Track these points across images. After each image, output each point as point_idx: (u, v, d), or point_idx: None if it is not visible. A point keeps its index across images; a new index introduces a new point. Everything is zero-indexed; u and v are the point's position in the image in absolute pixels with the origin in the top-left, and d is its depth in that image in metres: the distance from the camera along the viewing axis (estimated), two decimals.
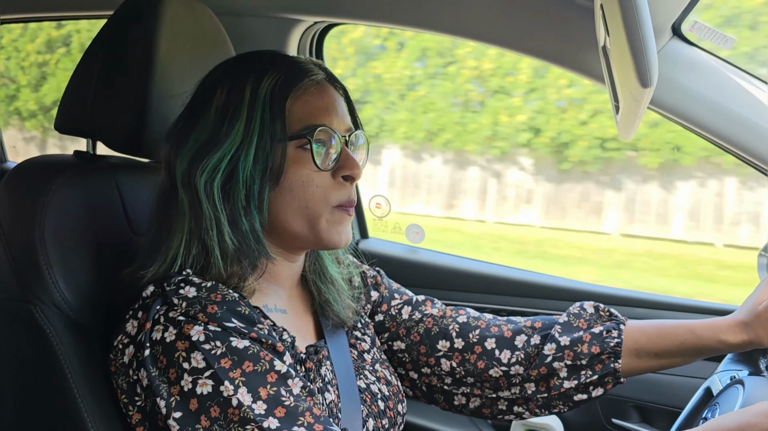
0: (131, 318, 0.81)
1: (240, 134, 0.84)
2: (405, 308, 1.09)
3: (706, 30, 1.08)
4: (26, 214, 0.88)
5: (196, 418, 0.74)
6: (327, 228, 0.87)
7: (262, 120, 0.84)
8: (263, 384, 0.75)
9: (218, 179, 0.83)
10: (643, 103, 0.74)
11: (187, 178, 0.84)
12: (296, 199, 0.85)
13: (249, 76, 0.86)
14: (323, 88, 0.89)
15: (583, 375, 0.99)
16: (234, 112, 0.84)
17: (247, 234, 0.84)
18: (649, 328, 1.00)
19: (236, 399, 0.73)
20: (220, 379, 0.74)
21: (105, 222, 0.96)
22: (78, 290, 0.88)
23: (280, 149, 0.84)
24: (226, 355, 0.75)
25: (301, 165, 0.85)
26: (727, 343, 0.95)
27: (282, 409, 0.74)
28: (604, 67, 1.01)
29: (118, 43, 1.00)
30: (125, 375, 0.80)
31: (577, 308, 1.05)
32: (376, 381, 0.98)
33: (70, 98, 1.02)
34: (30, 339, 0.86)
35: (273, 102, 0.84)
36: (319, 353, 0.92)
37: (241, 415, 0.73)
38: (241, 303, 0.81)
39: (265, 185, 0.84)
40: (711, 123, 1.08)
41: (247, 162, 0.83)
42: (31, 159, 0.98)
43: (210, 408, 0.74)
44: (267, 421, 0.73)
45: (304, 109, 0.86)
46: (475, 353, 1.03)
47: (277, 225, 0.87)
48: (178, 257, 0.83)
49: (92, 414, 0.83)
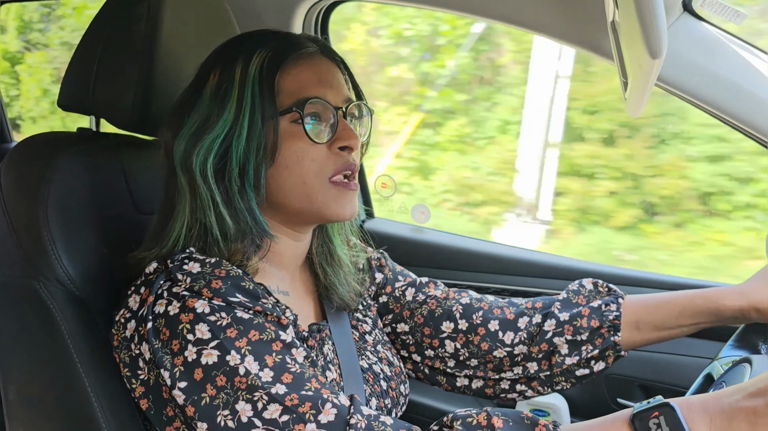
0: (134, 293, 0.81)
1: (232, 114, 0.83)
2: (409, 290, 1.09)
3: (718, 5, 1.06)
4: (29, 191, 0.88)
5: (201, 387, 0.74)
6: (326, 203, 0.87)
7: (252, 98, 0.83)
8: (269, 352, 0.75)
9: (211, 159, 0.83)
10: (652, 76, 0.73)
11: (184, 161, 0.84)
12: (293, 175, 0.85)
13: (239, 55, 0.85)
14: (315, 60, 0.88)
15: (584, 350, 0.99)
16: (225, 93, 0.84)
17: (243, 213, 0.84)
18: (648, 300, 1.01)
19: (243, 368, 0.73)
20: (226, 349, 0.74)
21: (108, 199, 0.96)
22: (81, 266, 0.88)
23: (272, 125, 0.84)
24: (231, 325, 0.75)
25: (296, 139, 0.84)
26: (725, 308, 0.95)
27: (289, 376, 0.74)
28: (612, 43, 1.00)
29: (121, 19, 0.99)
30: (127, 349, 0.80)
31: (576, 285, 1.05)
32: (378, 362, 0.98)
33: (72, 75, 1.01)
34: (34, 315, 0.86)
35: (262, 78, 0.84)
36: (321, 332, 0.92)
37: (249, 383, 0.73)
38: (245, 278, 0.81)
39: (261, 163, 0.84)
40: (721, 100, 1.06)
41: (240, 141, 0.83)
42: (35, 135, 0.97)
43: (216, 377, 0.73)
44: (275, 388, 0.73)
45: (294, 82, 0.85)
46: (479, 334, 1.03)
47: (278, 203, 0.87)
48: (181, 238, 0.84)
49: (95, 388, 0.83)
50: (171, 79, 0.98)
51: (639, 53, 0.70)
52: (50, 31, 4.13)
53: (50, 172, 0.89)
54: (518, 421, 0.71)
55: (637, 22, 0.66)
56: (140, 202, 0.99)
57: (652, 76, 0.73)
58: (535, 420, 0.71)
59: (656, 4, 0.63)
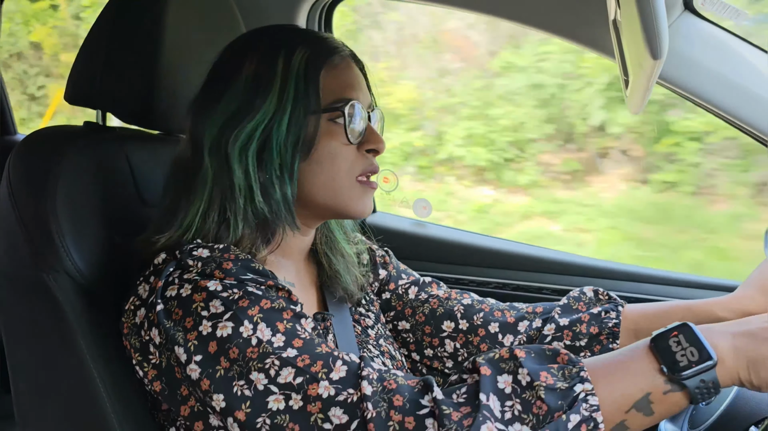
0: (143, 283, 0.82)
1: (273, 104, 0.84)
2: (412, 288, 1.10)
3: (719, 4, 1.07)
4: (38, 184, 0.89)
5: (216, 360, 0.75)
6: (351, 199, 0.89)
7: (296, 91, 0.85)
8: (280, 319, 0.77)
9: (253, 148, 0.84)
10: (653, 75, 0.74)
11: (216, 146, 0.85)
12: (324, 171, 0.87)
13: (280, 48, 0.87)
14: (350, 63, 0.91)
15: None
16: (267, 83, 0.85)
17: (278, 203, 0.85)
18: (647, 309, 1.01)
19: (255, 338, 0.74)
20: (239, 319, 0.75)
21: (115, 192, 0.97)
22: (89, 258, 0.89)
23: (313, 121, 0.85)
24: (243, 297, 0.77)
25: (332, 137, 0.87)
26: (722, 317, 0.96)
27: (299, 341, 0.76)
28: (614, 41, 1.01)
29: (127, 13, 1.00)
30: (137, 335, 0.81)
31: (577, 292, 1.07)
32: (380, 355, 0.99)
33: (79, 69, 1.02)
34: (42, 306, 0.87)
35: (308, 73, 0.85)
36: (326, 320, 0.94)
37: (261, 351, 0.74)
38: (255, 260, 0.82)
39: (296, 156, 0.85)
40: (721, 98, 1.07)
41: (280, 131, 0.84)
42: (42, 129, 0.98)
43: (229, 349, 0.74)
44: (286, 352, 0.74)
45: (336, 83, 0.88)
46: (479, 335, 1.05)
47: (303, 196, 0.88)
48: (194, 224, 0.84)
49: (104, 378, 0.84)
50: (176, 72, 0.99)
51: (640, 53, 0.71)
52: None
53: (58, 166, 0.90)
54: (540, 352, 0.73)
55: (638, 23, 0.67)
56: (146, 195, 1.00)
57: (653, 75, 0.74)
58: (557, 351, 0.73)
59: (658, 6, 0.64)
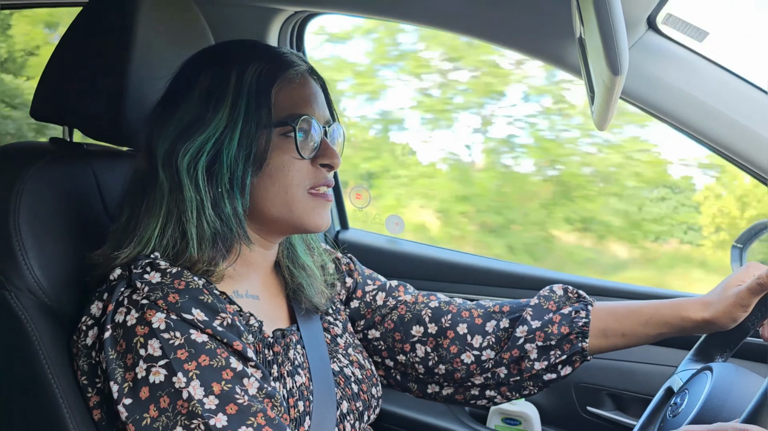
0: (96, 300, 0.81)
1: (225, 118, 0.85)
2: (379, 294, 1.10)
3: (681, 23, 1.10)
4: (1, 200, 0.87)
5: (145, 407, 0.74)
6: (306, 212, 0.89)
7: (247, 106, 0.85)
8: (217, 380, 0.76)
9: (202, 161, 0.84)
10: (616, 91, 0.75)
11: (168, 159, 0.84)
12: (276, 184, 0.87)
13: (234, 63, 0.87)
14: (306, 79, 0.91)
15: (553, 356, 1.02)
16: (219, 97, 0.85)
17: (229, 218, 0.85)
18: (616, 308, 1.03)
19: (187, 392, 0.74)
20: (173, 370, 0.74)
21: (81, 209, 0.96)
22: (53, 276, 0.87)
23: (264, 135, 0.85)
24: (183, 347, 0.75)
25: (283, 151, 0.87)
26: (688, 319, 0.97)
27: (234, 406, 0.75)
28: (580, 58, 1.03)
29: (95, 28, 0.99)
30: (87, 357, 0.80)
31: (547, 290, 1.08)
32: (349, 365, 0.99)
33: (46, 84, 1.01)
34: (5, 325, 0.85)
35: (259, 88, 0.86)
36: (286, 337, 0.92)
37: (190, 409, 0.73)
38: (205, 291, 0.80)
39: (247, 170, 0.85)
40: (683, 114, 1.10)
41: (231, 146, 0.84)
42: (7, 145, 0.97)
43: (160, 398, 0.74)
44: (215, 418, 0.73)
45: (289, 98, 0.88)
46: (448, 338, 1.05)
47: (258, 210, 0.88)
48: (152, 239, 0.84)
49: (67, 397, 0.82)
50: (145, 89, 0.98)
51: (602, 69, 0.73)
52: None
53: (22, 182, 0.88)
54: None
55: (599, 39, 0.68)
56: (114, 212, 0.98)
57: (616, 91, 0.75)
58: None
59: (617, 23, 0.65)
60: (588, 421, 1.47)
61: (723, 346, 1.02)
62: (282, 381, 0.86)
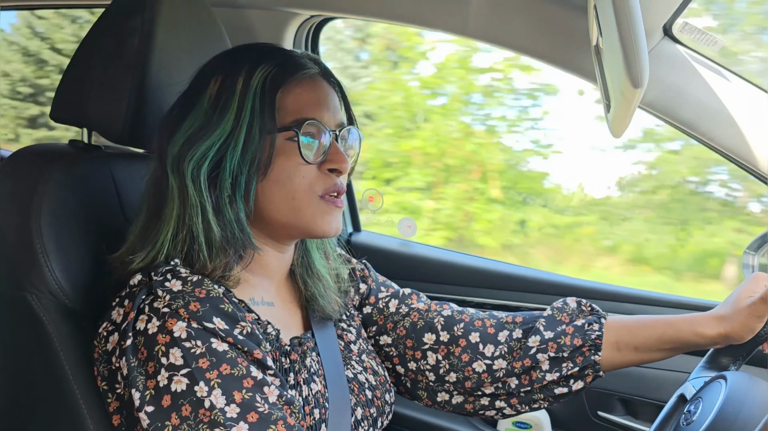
0: (117, 306, 0.82)
1: (230, 124, 0.85)
2: (392, 301, 1.10)
3: (696, 31, 1.10)
4: (22, 202, 0.88)
5: (167, 415, 0.74)
6: (314, 218, 0.88)
7: (252, 111, 0.85)
8: (239, 388, 0.76)
9: (205, 167, 0.84)
10: (634, 102, 0.75)
11: (176, 164, 0.85)
12: (282, 190, 0.87)
13: (243, 67, 0.87)
14: (316, 82, 0.90)
15: (564, 368, 1.01)
16: (225, 102, 0.85)
17: (231, 224, 0.85)
18: (629, 322, 1.03)
19: (209, 401, 0.74)
20: (195, 379, 0.74)
21: (100, 212, 0.96)
22: (74, 278, 0.88)
23: (269, 141, 0.85)
24: (204, 355, 0.76)
25: (289, 157, 0.86)
26: (704, 335, 0.97)
27: (255, 415, 0.75)
28: (596, 66, 1.03)
29: (115, 32, 1.00)
30: (107, 362, 0.80)
31: (561, 303, 1.08)
32: (363, 371, 0.99)
33: (66, 87, 1.02)
34: (26, 327, 0.86)
35: (264, 93, 0.85)
36: (303, 345, 0.93)
37: (212, 418, 0.74)
38: (225, 300, 0.81)
39: (252, 176, 0.85)
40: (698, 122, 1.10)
41: (235, 152, 0.84)
42: (27, 147, 0.98)
43: (182, 406, 0.74)
44: (237, 427, 0.73)
45: (295, 102, 0.87)
46: (460, 346, 1.05)
47: (265, 216, 0.88)
48: (165, 243, 0.84)
49: (87, 400, 0.83)
50: (163, 93, 0.99)
51: (621, 80, 0.73)
52: None
53: (43, 185, 0.89)
54: None
55: (620, 51, 0.68)
56: (132, 215, 0.99)
57: (635, 102, 0.75)
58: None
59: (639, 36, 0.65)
60: (599, 426, 1.47)
61: (736, 355, 1.01)
62: (299, 389, 0.87)
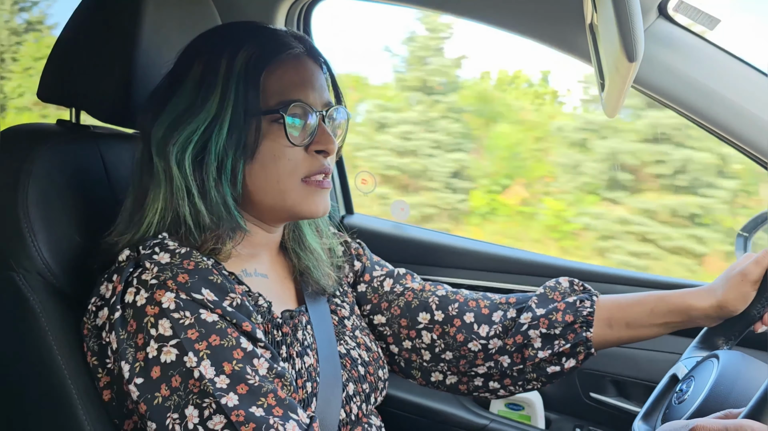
0: (106, 281, 0.81)
1: (215, 106, 0.84)
2: (387, 280, 1.10)
3: (692, 10, 1.09)
4: (9, 182, 0.87)
5: (156, 386, 0.74)
6: (299, 201, 0.88)
7: (236, 94, 0.83)
8: (228, 359, 0.76)
9: (190, 150, 0.84)
10: (629, 78, 0.75)
11: (162, 147, 0.84)
12: (268, 173, 0.86)
13: (226, 48, 0.86)
14: (301, 62, 0.89)
15: (557, 344, 1.02)
16: (209, 85, 0.84)
17: (218, 206, 0.85)
18: (621, 299, 1.03)
19: (198, 372, 0.74)
20: (184, 349, 0.75)
21: (89, 191, 0.96)
22: (62, 258, 0.88)
23: (254, 123, 0.84)
24: (193, 326, 0.76)
25: (275, 140, 0.85)
26: (696, 307, 0.98)
27: (245, 386, 0.75)
28: (590, 45, 1.02)
29: (104, 10, 0.98)
30: (97, 338, 0.80)
31: (553, 282, 1.08)
32: (356, 347, 0.99)
33: (53, 65, 1.01)
34: (13, 306, 0.86)
35: (248, 75, 0.84)
36: (294, 318, 0.93)
37: (201, 388, 0.74)
38: (214, 271, 0.81)
39: (239, 158, 0.84)
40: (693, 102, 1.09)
41: (220, 135, 0.83)
42: (14, 126, 0.97)
43: (171, 377, 0.74)
44: (226, 397, 0.74)
45: (280, 83, 0.86)
46: (455, 326, 1.05)
47: (252, 198, 0.88)
48: (153, 224, 0.84)
49: (75, 379, 0.83)
50: (152, 72, 0.98)
51: (616, 56, 0.72)
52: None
53: (29, 164, 0.88)
54: None
55: (614, 26, 0.68)
56: (120, 194, 0.98)
57: (629, 78, 0.75)
58: None
59: (634, 9, 0.65)
60: (591, 407, 1.47)
61: (728, 334, 1.02)
62: (291, 362, 0.87)
